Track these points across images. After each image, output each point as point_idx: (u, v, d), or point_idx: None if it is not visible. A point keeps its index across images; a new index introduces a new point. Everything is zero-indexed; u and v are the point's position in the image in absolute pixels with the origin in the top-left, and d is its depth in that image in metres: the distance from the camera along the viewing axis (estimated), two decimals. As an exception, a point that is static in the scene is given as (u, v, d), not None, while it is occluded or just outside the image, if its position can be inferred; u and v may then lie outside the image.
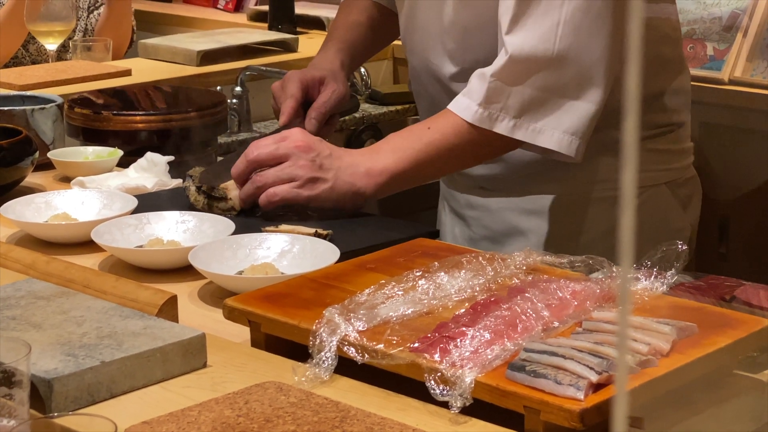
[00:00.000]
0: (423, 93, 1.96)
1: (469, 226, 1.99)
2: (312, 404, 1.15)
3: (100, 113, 2.19)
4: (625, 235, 0.44)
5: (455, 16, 1.83)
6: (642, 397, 1.14)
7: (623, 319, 0.45)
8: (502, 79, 1.71)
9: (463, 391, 1.14)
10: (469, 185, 1.98)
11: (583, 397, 1.10)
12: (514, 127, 1.71)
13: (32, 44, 3.19)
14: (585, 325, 1.25)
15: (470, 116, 1.72)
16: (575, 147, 1.71)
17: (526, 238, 1.91)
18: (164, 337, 1.27)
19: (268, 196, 1.74)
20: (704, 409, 1.24)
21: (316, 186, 1.73)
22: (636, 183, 0.48)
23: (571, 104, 1.70)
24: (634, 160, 0.46)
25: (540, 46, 1.69)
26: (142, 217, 1.71)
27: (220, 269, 1.55)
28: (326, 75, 2.03)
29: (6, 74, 2.76)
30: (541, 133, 1.71)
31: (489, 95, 1.71)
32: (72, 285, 1.46)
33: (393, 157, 1.75)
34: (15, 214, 1.75)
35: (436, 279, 1.37)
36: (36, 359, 1.19)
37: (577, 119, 1.71)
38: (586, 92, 1.70)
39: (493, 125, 1.72)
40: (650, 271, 1.37)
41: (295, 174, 1.73)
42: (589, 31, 1.69)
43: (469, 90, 1.74)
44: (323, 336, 1.24)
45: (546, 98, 1.70)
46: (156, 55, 3.05)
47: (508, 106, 1.71)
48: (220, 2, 4.12)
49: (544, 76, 1.70)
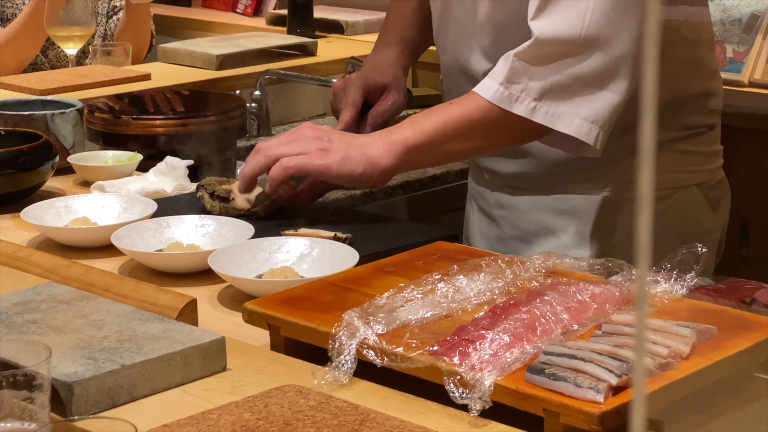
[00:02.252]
0: (455, 91, 1.95)
1: (498, 225, 1.99)
2: (331, 407, 1.16)
3: (120, 117, 2.20)
4: (643, 238, 0.44)
5: (490, 14, 1.82)
6: (662, 400, 1.14)
7: (641, 322, 0.45)
8: (525, 60, 1.69)
9: (483, 394, 1.14)
10: (498, 184, 1.98)
11: (603, 400, 1.10)
12: (534, 109, 1.69)
13: (51, 50, 3.20)
14: (604, 328, 1.25)
15: (490, 95, 1.70)
16: (594, 135, 1.69)
17: (557, 237, 1.90)
18: (184, 340, 1.27)
19: (282, 164, 1.70)
20: (724, 412, 1.24)
21: (328, 155, 1.69)
22: (653, 185, 0.48)
23: (594, 92, 1.68)
24: (650, 163, 0.46)
25: (567, 30, 1.67)
26: (162, 221, 1.72)
27: (240, 273, 1.55)
28: (389, 83, 2.01)
29: (26, 79, 2.77)
30: (560, 118, 1.68)
31: (510, 75, 1.69)
32: (92, 289, 1.46)
33: (411, 129, 1.72)
34: (35, 219, 1.76)
35: (456, 282, 1.37)
36: (57, 363, 1.20)
37: (599, 108, 1.69)
38: (611, 82, 1.69)
39: (512, 106, 1.69)
40: (670, 273, 1.36)
41: (305, 147, 1.70)
42: (617, 20, 1.67)
43: (494, 71, 1.72)
44: (342, 339, 1.24)
45: (569, 84, 1.68)
46: (175, 60, 3.06)
47: (530, 87, 1.69)
48: (239, 6, 4.12)
49: (568, 61, 1.68)
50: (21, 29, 3.08)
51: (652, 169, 0.47)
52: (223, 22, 3.91)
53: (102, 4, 3.28)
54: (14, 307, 1.36)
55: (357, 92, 1.97)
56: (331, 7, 3.83)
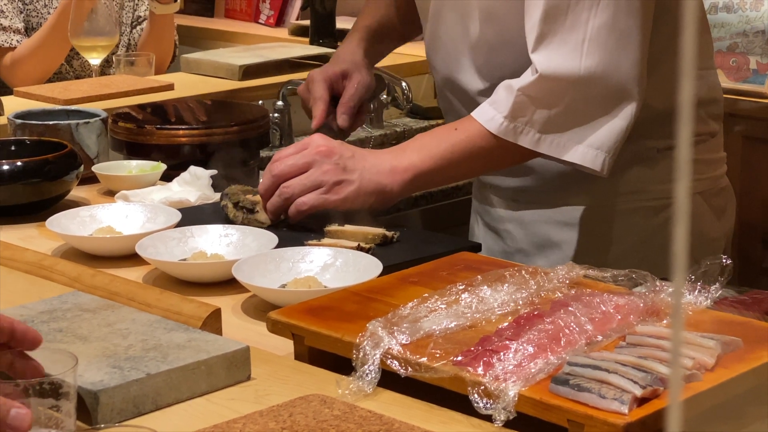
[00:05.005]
0: (450, 109, 1.97)
1: (503, 239, 1.99)
2: (356, 417, 1.16)
3: (144, 127, 2.21)
4: (679, 250, 0.44)
5: (481, 34, 1.83)
6: (687, 411, 1.13)
7: (676, 334, 0.45)
8: (529, 95, 1.71)
9: (507, 405, 1.14)
10: (501, 198, 1.98)
11: (627, 411, 1.10)
12: (539, 141, 1.72)
13: (76, 60, 3.22)
14: (629, 339, 1.25)
15: (495, 128, 1.73)
16: (601, 161, 1.71)
17: (560, 250, 1.91)
18: (208, 349, 1.27)
19: (297, 206, 1.73)
20: (749, 423, 1.24)
21: (342, 189, 1.73)
22: (690, 199, 0.48)
23: (599, 120, 1.71)
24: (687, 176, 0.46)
25: (566, 64, 1.69)
26: (186, 230, 1.73)
27: (264, 282, 1.55)
28: (348, 67, 2.03)
29: (51, 89, 2.78)
30: (565, 147, 1.71)
31: (515, 109, 1.71)
32: (117, 298, 1.47)
33: (419, 155, 1.75)
34: (60, 228, 1.76)
35: (479, 292, 1.37)
36: (82, 371, 1.20)
37: (604, 134, 1.71)
38: (615, 108, 1.70)
39: (517, 138, 1.72)
40: (694, 285, 1.36)
41: (321, 180, 1.73)
42: (615, 47, 1.68)
43: (495, 100, 1.74)
44: (367, 349, 1.25)
45: (573, 114, 1.71)
46: (198, 70, 3.07)
47: (534, 120, 1.71)
48: (262, 17, 4.14)
49: (571, 93, 1.70)
50: (45, 39, 3.10)
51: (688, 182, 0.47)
52: (246, 33, 3.93)
53: (126, 14, 3.30)
54: (40, 316, 1.37)
55: (320, 86, 1.99)
56: (353, 17, 3.83)
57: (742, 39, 2.90)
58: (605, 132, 1.71)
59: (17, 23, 3.17)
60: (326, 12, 3.43)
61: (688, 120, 0.45)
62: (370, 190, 1.73)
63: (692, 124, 0.48)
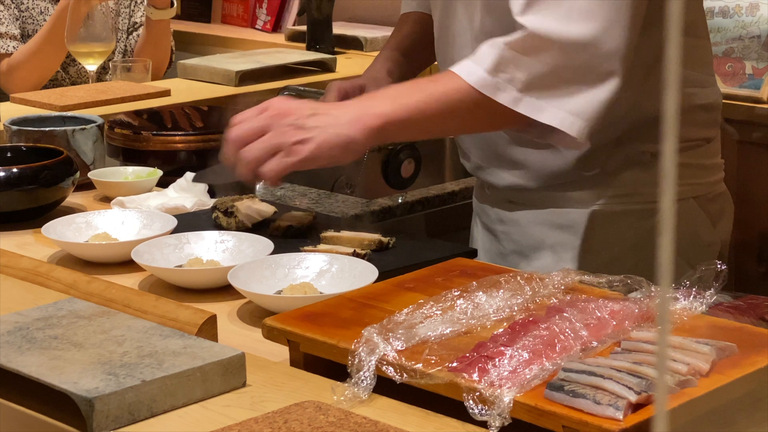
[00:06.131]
0: None
1: (499, 240, 1.99)
2: (351, 423, 1.16)
3: (140, 133, 2.21)
4: (665, 256, 0.44)
5: (482, 23, 1.83)
6: (681, 417, 1.14)
7: (662, 339, 0.46)
8: (515, 50, 1.67)
9: (502, 411, 1.14)
10: (498, 199, 1.98)
11: (622, 417, 1.10)
12: (518, 100, 1.67)
13: (72, 66, 3.22)
14: (624, 345, 1.25)
15: (474, 80, 1.68)
16: (578, 127, 1.66)
17: (554, 252, 1.90)
18: (204, 356, 1.27)
19: (263, 177, 1.66)
20: (744, 429, 1.24)
21: (302, 148, 1.65)
22: (675, 205, 0.48)
23: (580, 88, 1.66)
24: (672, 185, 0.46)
25: (557, 26, 1.65)
26: (182, 236, 1.73)
27: (259, 289, 1.55)
28: (367, 82, 2.02)
29: (47, 95, 2.78)
30: (543, 110, 1.67)
31: (498, 63, 1.67)
32: (112, 304, 1.47)
33: (391, 104, 1.68)
34: (56, 234, 1.77)
35: (475, 298, 1.37)
36: (77, 378, 1.20)
37: (584, 102, 1.67)
38: (599, 79, 1.67)
39: (496, 94, 1.67)
40: (689, 290, 1.36)
41: (278, 143, 1.65)
42: (607, 18, 1.66)
43: (479, 56, 1.70)
44: (362, 355, 1.25)
45: (555, 78, 1.66)
46: (195, 76, 3.08)
47: (516, 78, 1.67)
48: (259, 22, 4.14)
49: (557, 56, 1.66)
50: (41, 45, 3.10)
51: (673, 189, 0.47)
52: (243, 38, 3.93)
53: (122, 20, 3.30)
54: (35, 323, 1.36)
55: (332, 94, 1.97)
56: (350, 23, 3.84)
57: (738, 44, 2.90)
58: (585, 100, 1.67)
59: (13, 29, 3.17)
60: (323, 17, 3.44)
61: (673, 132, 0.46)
62: (333, 144, 1.65)
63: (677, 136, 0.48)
